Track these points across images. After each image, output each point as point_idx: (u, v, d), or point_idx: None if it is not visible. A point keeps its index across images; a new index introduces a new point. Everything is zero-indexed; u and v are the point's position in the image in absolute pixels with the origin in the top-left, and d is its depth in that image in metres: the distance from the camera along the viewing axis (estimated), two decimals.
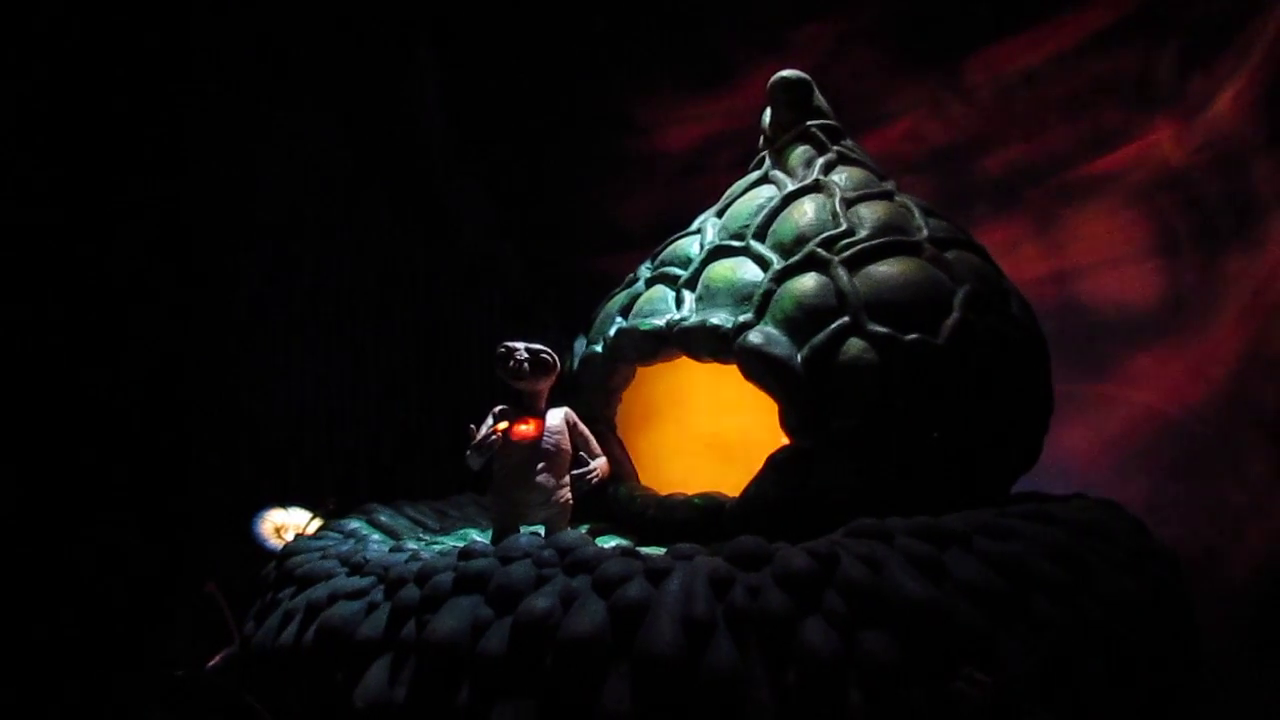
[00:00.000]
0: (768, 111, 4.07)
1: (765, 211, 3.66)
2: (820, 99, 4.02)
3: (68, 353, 4.58)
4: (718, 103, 6.03)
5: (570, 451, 3.25)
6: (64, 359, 4.56)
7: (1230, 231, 4.78)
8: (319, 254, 5.51)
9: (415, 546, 3.09)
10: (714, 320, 3.37)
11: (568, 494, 3.21)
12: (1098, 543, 2.81)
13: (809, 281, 3.32)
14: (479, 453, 3.11)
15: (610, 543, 3.10)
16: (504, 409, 3.24)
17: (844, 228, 3.44)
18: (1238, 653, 4.09)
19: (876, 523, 2.70)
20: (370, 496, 4.05)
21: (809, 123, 3.95)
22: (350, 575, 2.89)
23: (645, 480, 3.81)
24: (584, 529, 3.55)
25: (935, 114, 5.62)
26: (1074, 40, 5.23)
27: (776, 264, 3.43)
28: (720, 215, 3.88)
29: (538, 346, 3.20)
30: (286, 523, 3.79)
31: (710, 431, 4.04)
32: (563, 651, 2.29)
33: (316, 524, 3.75)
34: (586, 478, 3.23)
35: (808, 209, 3.57)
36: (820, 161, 3.82)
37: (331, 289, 5.54)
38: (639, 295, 3.80)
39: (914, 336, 3.15)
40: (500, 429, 3.14)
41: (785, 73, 3.98)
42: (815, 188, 3.69)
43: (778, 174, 3.87)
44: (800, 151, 3.91)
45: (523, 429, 3.17)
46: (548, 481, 3.15)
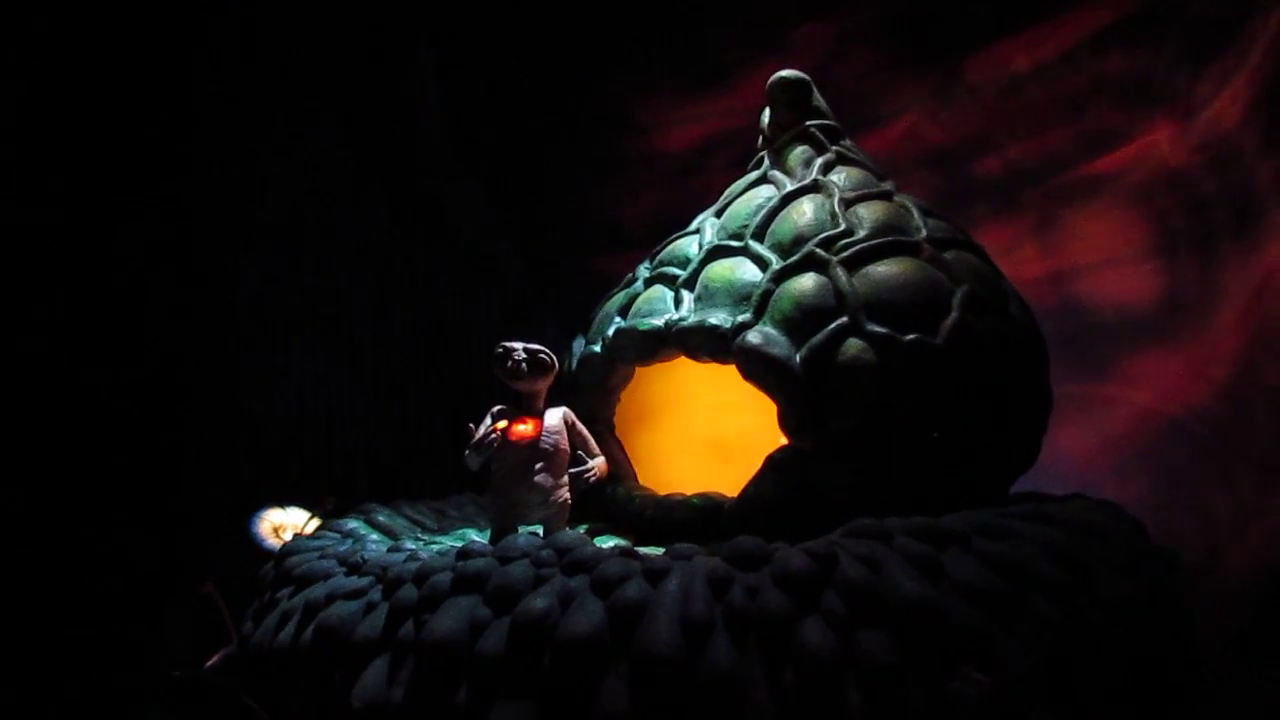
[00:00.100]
0: (767, 111, 4.07)
1: (764, 211, 3.66)
2: (819, 99, 4.02)
3: (67, 352, 4.58)
4: (716, 103, 6.03)
5: (569, 451, 3.25)
6: (63, 359, 4.56)
7: (1229, 232, 4.77)
8: (318, 254, 5.51)
9: (413, 546, 3.09)
10: (713, 320, 3.37)
11: (566, 494, 3.21)
12: (1096, 543, 2.81)
13: (808, 281, 3.32)
14: (477, 452, 3.11)
15: (608, 543, 3.10)
16: (502, 409, 3.24)
17: (843, 228, 3.44)
18: (1236, 653, 4.09)
19: (875, 523, 2.69)
20: (368, 496, 4.05)
21: (808, 123, 3.94)
22: (348, 575, 2.89)
23: (644, 480, 3.81)
24: (582, 529, 3.55)
25: (934, 114, 5.62)
26: (1073, 40, 5.23)
27: (775, 264, 3.42)
28: (719, 215, 3.88)
29: (536, 346, 3.20)
30: (285, 522, 3.79)
31: (709, 432, 4.04)
32: (561, 651, 2.29)
33: (315, 524, 3.74)
34: (584, 476, 3.23)
35: (806, 209, 3.57)
36: (819, 161, 3.81)
37: (331, 289, 5.54)
38: (638, 295, 3.80)
39: (913, 337, 3.14)
40: (499, 429, 3.14)
41: (784, 73, 3.98)
42: (814, 188, 3.69)
43: (776, 174, 3.87)
44: (799, 152, 3.91)
45: (521, 429, 3.17)
46: (546, 481, 3.15)
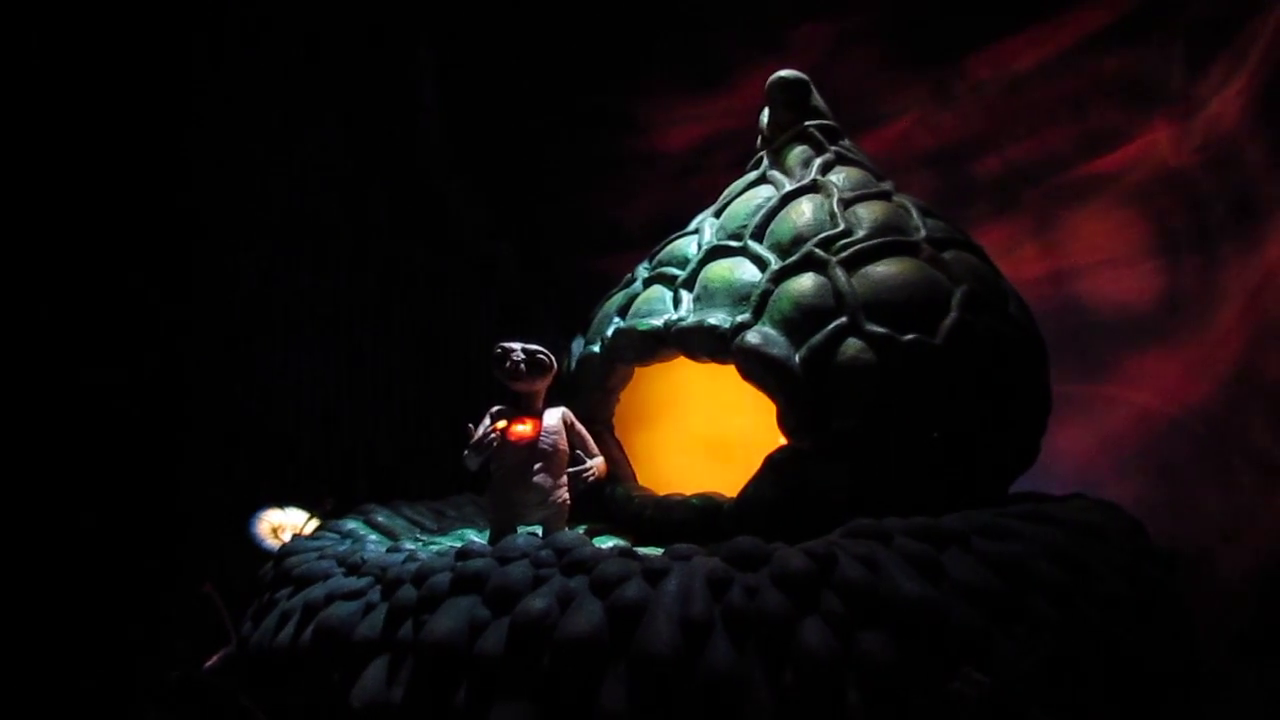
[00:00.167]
0: (766, 111, 4.07)
1: (763, 212, 3.65)
2: (818, 99, 4.02)
3: (66, 353, 4.58)
4: (716, 103, 6.02)
5: (568, 452, 3.25)
6: (63, 359, 4.56)
7: (1228, 231, 4.77)
8: (318, 254, 5.51)
9: (413, 547, 3.09)
10: (712, 320, 3.36)
11: (565, 494, 3.21)
12: (1096, 543, 2.81)
13: (807, 282, 3.32)
14: (476, 453, 3.11)
15: (608, 543, 3.10)
16: (501, 409, 3.24)
17: (842, 228, 3.44)
18: (1236, 653, 4.09)
19: (874, 523, 2.69)
20: (368, 497, 4.05)
21: (807, 123, 3.94)
22: (347, 575, 2.89)
23: (643, 480, 3.80)
24: (581, 529, 3.55)
25: (933, 114, 5.61)
26: (1072, 40, 5.22)
27: (774, 264, 3.42)
28: (718, 215, 3.88)
29: (534, 347, 3.20)
30: (284, 523, 3.79)
31: (708, 432, 4.03)
32: (560, 652, 2.28)
33: (314, 524, 3.74)
34: (583, 476, 3.23)
35: (805, 209, 3.57)
36: (818, 161, 3.81)
37: (330, 289, 5.54)
38: (637, 295, 3.79)
39: (912, 337, 3.14)
40: (498, 429, 3.14)
41: (783, 73, 3.98)
42: (813, 188, 3.69)
43: (775, 174, 3.87)
44: (798, 151, 3.90)
45: (520, 429, 3.17)
46: (545, 482, 3.15)
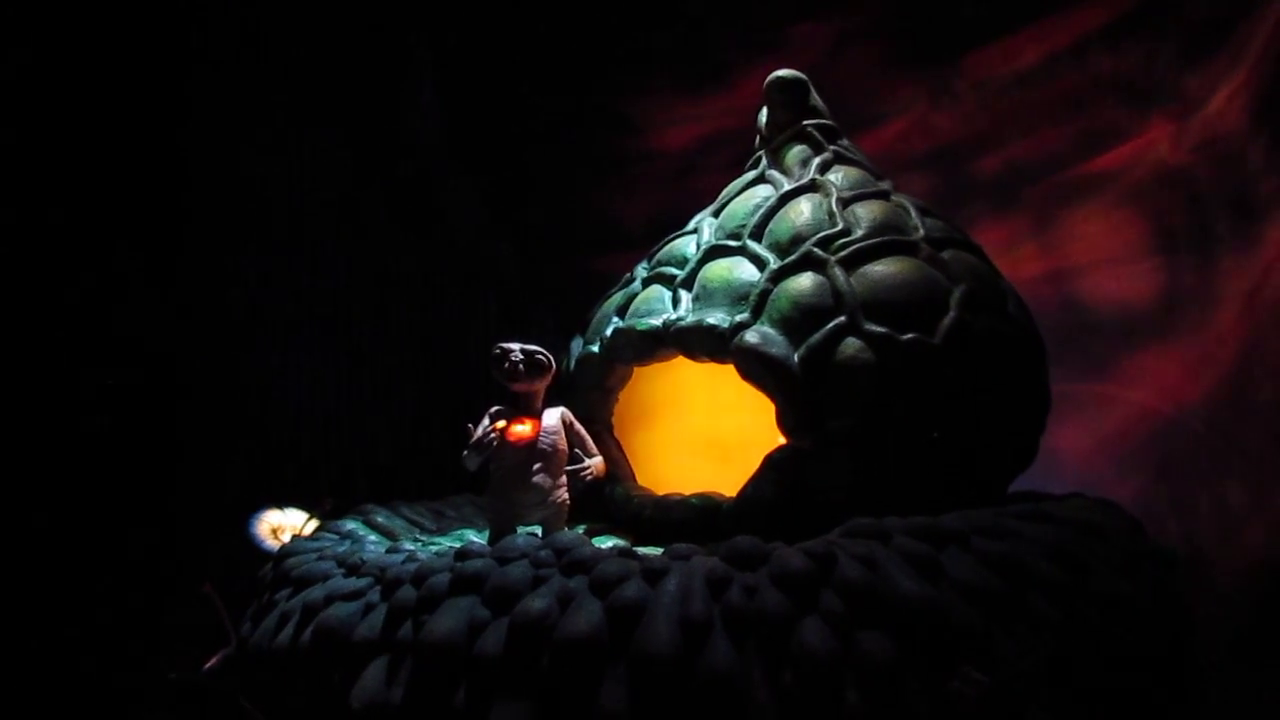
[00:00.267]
0: (764, 111, 4.07)
1: (762, 211, 3.65)
2: (817, 98, 4.01)
3: (65, 353, 4.57)
4: (715, 102, 6.02)
5: (567, 452, 3.25)
6: (61, 359, 4.55)
7: (1227, 230, 4.77)
8: (316, 254, 5.50)
9: (412, 547, 3.09)
10: (710, 320, 3.36)
11: (565, 494, 3.21)
12: (1095, 542, 2.81)
13: (805, 281, 3.32)
14: (475, 453, 3.10)
15: (607, 543, 3.11)
16: (500, 409, 3.23)
17: (840, 227, 3.44)
18: (1235, 652, 4.09)
19: (873, 522, 2.69)
20: (367, 497, 4.04)
21: (805, 122, 3.94)
22: (347, 576, 2.88)
23: (642, 480, 3.80)
24: (581, 529, 3.55)
25: (932, 113, 5.61)
26: (1071, 39, 5.23)
27: (773, 263, 3.42)
28: (717, 215, 3.88)
29: (533, 347, 3.19)
30: (283, 523, 3.79)
31: (707, 431, 4.03)
32: (560, 652, 2.28)
33: (313, 525, 3.74)
34: (581, 475, 3.22)
35: (804, 208, 3.57)
36: (816, 161, 3.81)
37: (329, 289, 5.53)
38: (635, 295, 3.79)
39: (910, 336, 3.14)
40: (497, 429, 3.14)
41: (781, 72, 3.98)
42: (812, 187, 3.69)
43: (774, 173, 3.87)
44: (797, 151, 3.90)
45: (519, 429, 3.17)
46: (544, 482, 3.15)
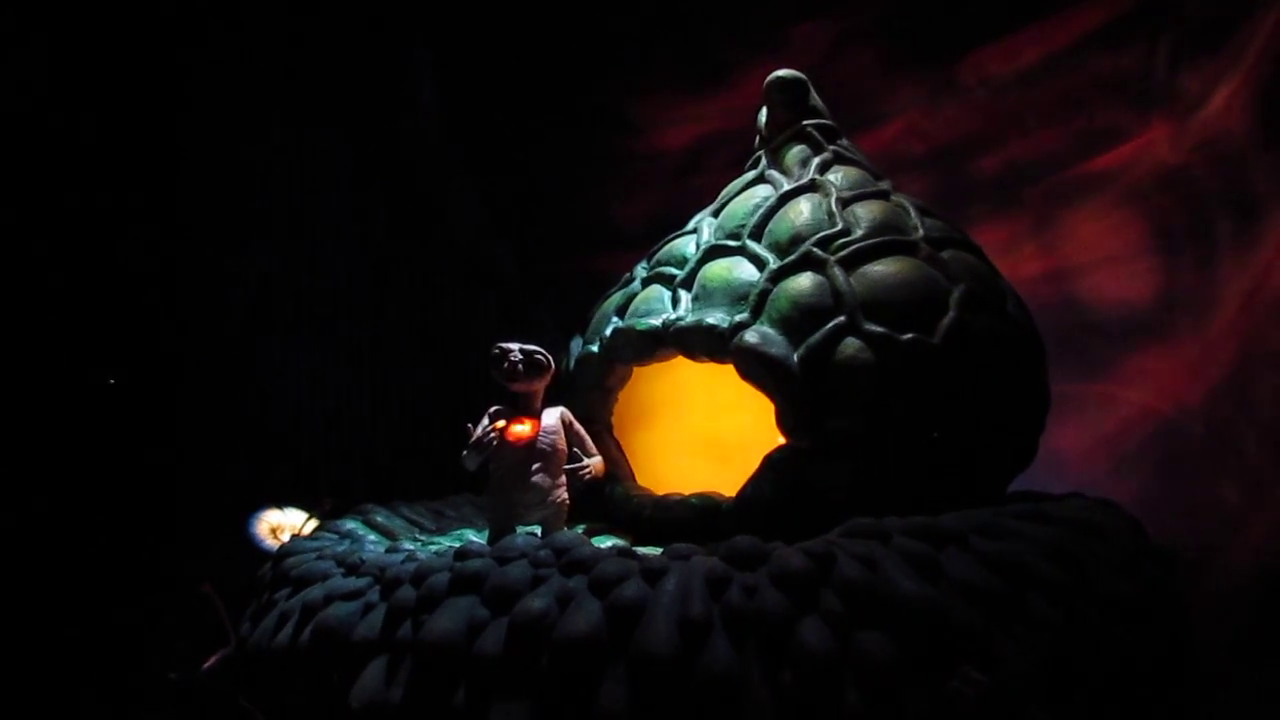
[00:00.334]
0: (764, 111, 4.07)
1: (761, 211, 3.66)
2: (816, 98, 4.02)
3: (66, 353, 4.57)
4: (715, 102, 6.03)
5: (566, 451, 3.25)
6: (62, 359, 4.55)
7: (1226, 230, 4.78)
8: (316, 254, 5.50)
9: (411, 547, 3.09)
10: (710, 320, 3.36)
11: (564, 494, 3.21)
12: (1094, 542, 2.81)
13: (805, 281, 3.32)
14: (475, 453, 3.10)
15: (607, 543, 3.11)
16: (500, 409, 3.23)
17: (840, 227, 3.44)
18: (1234, 652, 4.09)
19: (873, 522, 2.69)
20: (366, 497, 4.04)
21: (805, 122, 3.94)
22: (346, 576, 2.88)
23: (642, 480, 3.80)
24: (580, 529, 3.55)
25: (931, 113, 5.62)
26: (1070, 40, 5.23)
27: (772, 263, 3.42)
28: (716, 215, 3.88)
29: (532, 347, 3.19)
30: (282, 523, 3.79)
31: (707, 431, 4.03)
32: (559, 652, 2.28)
33: (312, 524, 3.74)
34: (580, 473, 3.22)
35: (804, 208, 3.57)
36: (816, 161, 3.81)
37: (328, 289, 5.54)
38: (635, 295, 3.79)
39: (910, 336, 3.14)
40: (496, 429, 3.14)
41: (781, 72, 3.98)
42: (811, 187, 3.69)
43: (774, 173, 3.87)
44: (796, 151, 3.90)
45: (518, 429, 3.17)
46: (544, 482, 3.15)
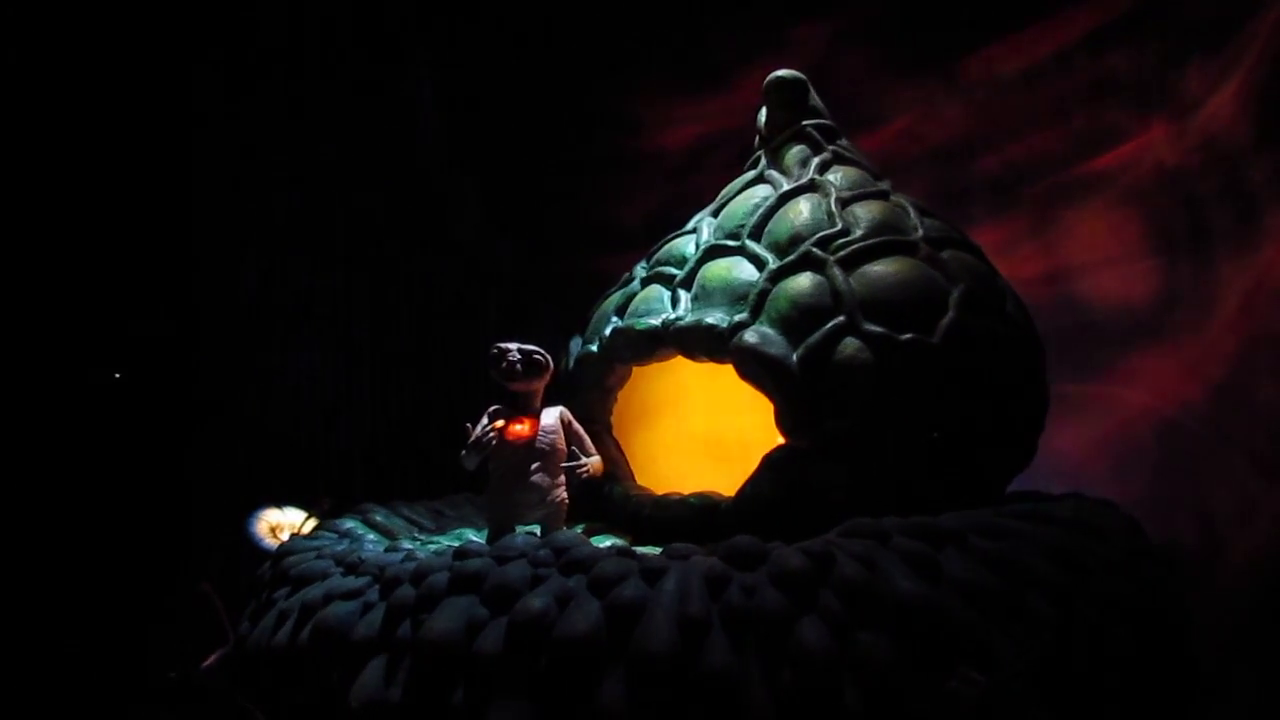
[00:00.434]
0: (763, 111, 4.07)
1: (761, 211, 3.66)
2: (816, 98, 4.02)
3: (66, 353, 4.57)
4: (714, 102, 6.02)
5: (565, 451, 3.25)
6: (62, 359, 4.56)
7: (1225, 231, 4.78)
8: (316, 254, 5.51)
9: (411, 546, 3.09)
10: (709, 320, 3.36)
11: (563, 493, 3.21)
12: (1093, 542, 2.82)
13: (804, 281, 3.32)
14: (474, 452, 3.10)
15: (606, 542, 3.11)
16: (499, 409, 3.23)
17: (839, 227, 3.44)
18: (1233, 652, 4.09)
19: (872, 522, 2.70)
20: (366, 496, 4.05)
21: (804, 122, 3.94)
22: (345, 575, 2.89)
23: (641, 480, 3.80)
24: (579, 529, 3.55)
25: (930, 114, 5.62)
26: (1069, 40, 5.23)
27: (772, 263, 3.42)
28: (716, 215, 3.88)
29: (530, 347, 3.20)
30: (282, 522, 3.80)
31: (706, 431, 4.04)
32: (558, 651, 2.29)
33: (312, 524, 3.75)
34: (577, 470, 3.22)
35: (803, 208, 3.57)
36: (816, 161, 3.81)
37: (328, 289, 5.54)
38: (634, 295, 3.79)
39: (909, 336, 3.14)
40: (495, 429, 3.14)
41: (781, 72, 3.98)
42: (811, 187, 3.69)
43: (773, 173, 3.87)
44: (796, 151, 3.90)
45: (517, 429, 3.17)
46: (543, 481, 3.15)
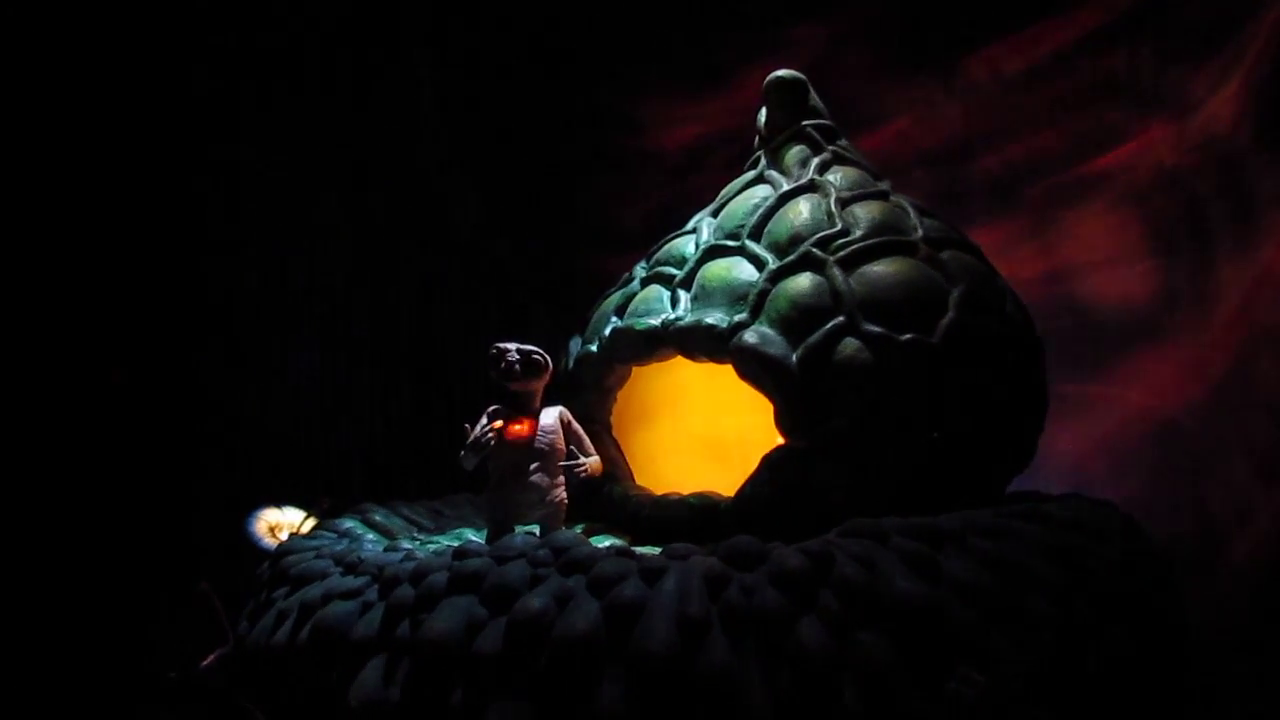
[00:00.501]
0: (763, 111, 4.07)
1: (760, 211, 3.66)
2: (815, 99, 4.02)
3: (66, 353, 4.57)
4: (714, 102, 6.03)
5: (564, 451, 3.25)
6: (62, 359, 4.55)
7: (1225, 231, 4.79)
8: (316, 253, 5.51)
9: (410, 546, 3.09)
10: (709, 320, 3.36)
11: (563, 493, 3.21)
12: (1092, 542, 2.82)
13: (804, 281, 3.32)
14: (473, 452, 3.10)
15: (605, 542, 3.11)
16: (498, 409, 3.23)
17: (839, 227, 3.44)
18: (1231, 651, 4.10)
19: (871, 522, 2.69)
20: (365, 496, 4.05)
21: (804, 122, 3.94)
22: (345, 575, 2.89)
23: (640, 480, 3.80)
24: (579, 529, 3.55)
25: (930, 114, 5.62)
26: (1069, 41, 5.23)
27: (772, 264, 3.42)
28: (715, 215, 3.88)
29: (529, 347, 3.19)
30: (281, 522, 3.80)
31: (705, 431, 4.03)
32: (557, 651, 2.28)
33: (311, 523, 3.75)
34: (575, 469, 3.22)
35: (803, 209, 3.57)
36: (815, 161, 3.81)
37: (328, 288, 5.54)
38: (634, 295, 3.79)
39: (909, 336, 3.15)
40: (495, 428, 3.14)
41: (781, 73, 3.98)
42: (810, 187, 3.69)
43: (773, 174, 3.87)
44: (795, 151, 3.90)
45: (517, 429, 3.17)
46: (542, 481, 3.15)
